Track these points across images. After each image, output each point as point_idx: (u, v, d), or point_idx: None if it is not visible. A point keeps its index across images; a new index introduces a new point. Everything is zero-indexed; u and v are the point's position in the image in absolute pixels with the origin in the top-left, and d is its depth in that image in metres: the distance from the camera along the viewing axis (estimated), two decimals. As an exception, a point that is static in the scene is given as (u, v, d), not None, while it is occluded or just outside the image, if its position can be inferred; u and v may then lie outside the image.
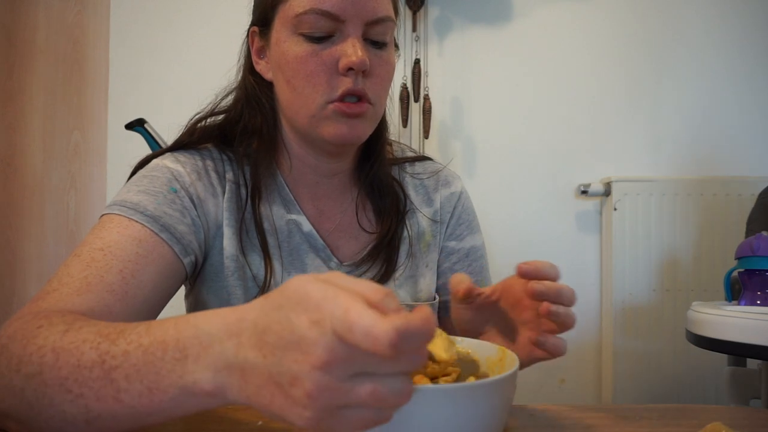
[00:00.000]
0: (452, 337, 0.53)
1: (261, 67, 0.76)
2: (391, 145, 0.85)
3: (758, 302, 1.18)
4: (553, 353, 0.57)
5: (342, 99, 0.67)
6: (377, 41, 0.69)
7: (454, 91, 2.03)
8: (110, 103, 1.94)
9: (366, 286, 0.36)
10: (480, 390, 0.39)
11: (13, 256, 1.43)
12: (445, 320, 0.85)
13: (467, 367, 0.51)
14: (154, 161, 0.72)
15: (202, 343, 0.39)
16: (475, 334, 0.64)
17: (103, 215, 0.65)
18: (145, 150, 1.48)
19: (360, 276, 0.76)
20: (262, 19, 0.73)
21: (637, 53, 2.05)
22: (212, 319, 0.40)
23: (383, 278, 0.76)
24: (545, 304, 0.56)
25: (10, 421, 0.46)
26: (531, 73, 2.05)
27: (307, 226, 0.75)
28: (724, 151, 2.05)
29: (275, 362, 0.35)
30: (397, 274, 0.78)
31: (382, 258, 0.77)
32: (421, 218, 0.82)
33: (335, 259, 0.76)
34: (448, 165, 0.89)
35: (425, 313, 0.33)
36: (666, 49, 2.06)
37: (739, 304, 1.21)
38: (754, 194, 1.67)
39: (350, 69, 0.66)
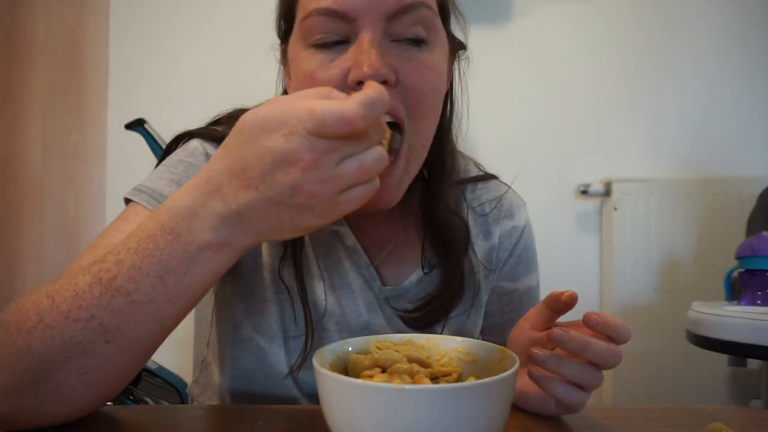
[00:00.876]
0: (453, 337, 0.53)
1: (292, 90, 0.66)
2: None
3: (759, 302, 1.18)
4: (547, 393, 0.49)
5: None
6: (411, 38, 0.54)
7: (454, 91, 2.03)
8: (110, 103, 1.94)
9: (310, 91, 0.40)
10: (480, 390, 0.39)
11: (13, 255, 1.43)
12: None
13: (467, 367, 0.51)
14: (194, 143, 0.65)
15: (185, 216, 0.41)
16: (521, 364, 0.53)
17: (130, 201, 0.59)
18: (145, 150, 1.48)
19: (408, 317, 0.66)
20: (281, 34, 0.64)
21: (637, 53, 2.05)
22: (183, 194, 0.42)
23: (432, 319, 0.66)
24: (554, 330, 0.48)
25: (25, 397, 0.44)
26: (531, 73, 2.05)
27: (350, 239, 0.66)
28: (724, 151, 2.05)
29: (268, 186, 0.38)
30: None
31: (441, 301, 0.66)
32: (477, 249, 0.71)
33: (379, 281, 0.66)
34: (511, 186, 0.78)
35: (373, 84, 0.38)
36: (666, 49, 2.05)
37: (739, 304, 1.21)
38: (754, 194, 1.67)
39: (360, 83, 0.51)
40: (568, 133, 2.04)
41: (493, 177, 0.77)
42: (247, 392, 0.66)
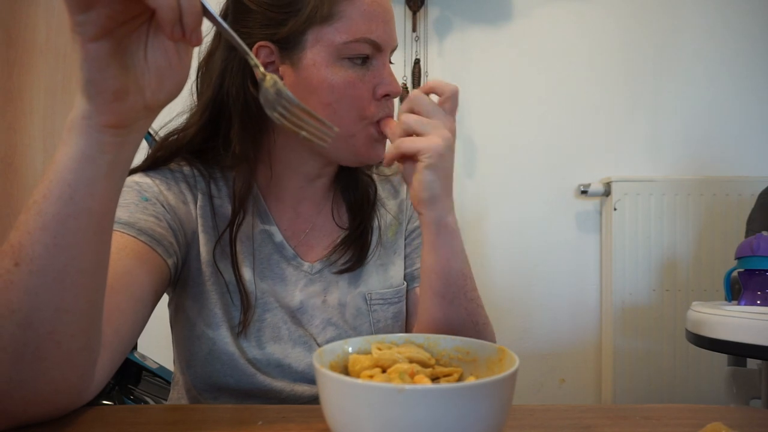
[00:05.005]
0: (453, 337, 0.53)
1: None
2: None
3: (758, 302, 1.18)
4: None
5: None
6: None
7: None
8: (110, 103, 1.93)
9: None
10: (480, 390, 0.39)
11: (13, 256, 1.43)
12: (411, 294, 0.85)
13: (467, 367, 0.51)
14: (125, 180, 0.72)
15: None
16: None
17: None
18: (145, 150, 1.48)
19: (331, 266, 0.79)
20: (284, 40, 0.71)
21: (637, 53, 2.05)
22: None
23: (354, 266, 0.79)
24: None
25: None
26: (531, 73, 2.05)
27: (278, 236, 0.77)
28: (724, 151, 2.05)
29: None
30: (369, 261, 0.81)
31: (353, 248, 0.80)
32: (389, 209, 0.87)
33: (306, 264, 0.78)
34: None
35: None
36: (666, 49, 2.06)
37: (739, 304, 1.21)
38: (754, 194, 1.67)
39: (386, 95, 0.72)
40: (568, 133, 2.04)
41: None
42: (208, 383, 0.73)
